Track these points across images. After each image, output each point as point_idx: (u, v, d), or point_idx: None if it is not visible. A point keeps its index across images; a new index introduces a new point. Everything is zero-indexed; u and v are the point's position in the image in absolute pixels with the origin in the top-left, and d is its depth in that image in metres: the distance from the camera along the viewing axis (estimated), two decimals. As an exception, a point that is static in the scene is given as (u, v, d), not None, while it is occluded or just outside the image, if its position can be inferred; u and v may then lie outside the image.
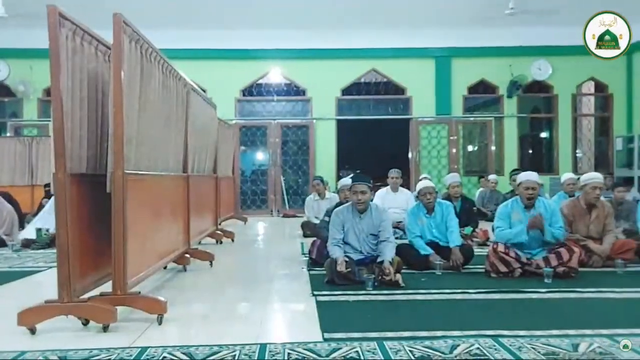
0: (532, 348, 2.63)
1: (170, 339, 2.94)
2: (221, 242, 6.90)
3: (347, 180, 5.96)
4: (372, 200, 4.60)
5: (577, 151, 12.38)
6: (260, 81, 12.15)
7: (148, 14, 9.59)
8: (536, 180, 4.68)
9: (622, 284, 4.17)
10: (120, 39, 3.13)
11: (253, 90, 12.20)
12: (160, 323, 3.16)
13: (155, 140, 3.88)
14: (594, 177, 5.11)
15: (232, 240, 7.09)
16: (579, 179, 5.70)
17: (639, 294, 3.88)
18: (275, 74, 12.06)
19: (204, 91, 9.23)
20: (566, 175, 6.90)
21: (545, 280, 4.21)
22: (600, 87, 12.31)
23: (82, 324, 3.11)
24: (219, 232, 6.99)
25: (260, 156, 12.55)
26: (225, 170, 8.71)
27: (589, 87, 12.49)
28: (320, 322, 3.14)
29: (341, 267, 4.09)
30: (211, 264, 5.20)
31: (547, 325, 3.00)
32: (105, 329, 3.01)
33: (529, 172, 4.85)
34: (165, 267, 4.70)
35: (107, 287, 3.25)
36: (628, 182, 9.32)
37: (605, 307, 3.58)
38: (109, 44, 3.26)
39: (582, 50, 11.51)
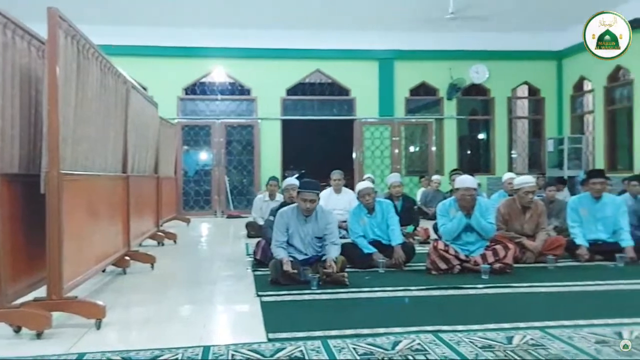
0: (470, 342, 2.73)
1: (109, 343, 2.85)
2: (163, 244, 6.75)
3: (292, 180, 5.96)
4: (317, 202, 4.62)
5: (512, 152, 12.93)
6: (203, 80, 11.96)
7: (86, 8, 9.25)
8: (473, 186, 4.74)
9: (553, 279, 4.38)
10: (55, 34, 3.00)
11: (196, 89, 12.00)
12: (98, 328, 3.06)
13: (92, 139, 3.76)
14: (526, 181, 5.33)
15: (175, 242, 6.95)
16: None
17: (567, 288, 4.10)
18: (219, 73, 11.91)
19: (145, 89, 8.99)
20: (507, 175, 7.24)
21: (483, 276, 4.37)
22: (533, 91, 12.91)
23: (14, 331, 2.97)
24: (160, 233, 6.84)
25: (203, 156, 12.34)
26: (167, 170, 8.53)
27: (523, 90, 13.08)
28: (265, 323, 3.13)
29: (287, 267, 4.09)
30: (152, 267, 5.07)
31: (484, 320, 3.12)
32: (38, 335, 2.89)
33: (465, 177, 4.92)
34: (104, 270, 4.55)
35: (42, 291, 3.12)
36: (562, 182, 9.78)
37: (537, 301, 3.77)
38: (44, 39, 3.13)
39: (516, 55, 12.20)
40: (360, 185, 5.33)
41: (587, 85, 11.96)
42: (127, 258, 4.80)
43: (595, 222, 5.38)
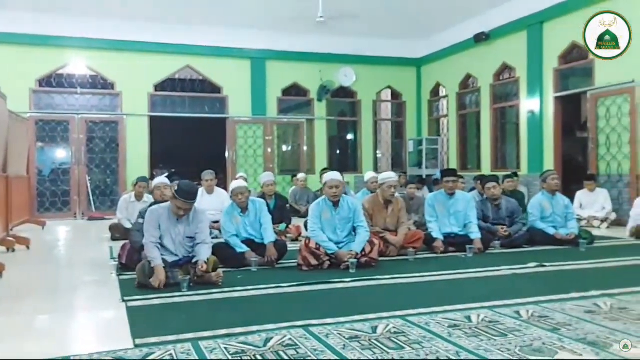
0: (339, 334, 2.85)
1: (-51, 364, 2.55)
2: (14, 250, 6.14)
3: (162, 179, 5.77)
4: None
5: (377, 152, 13.68)
6: (60, 71, 11.05)
7: None
8: (339, 179, 5.05)
9: (413, 270, 4.73)
10: None
11: (52, 81, 11.05)
12: None
13: None
14: (389, 177, 5.70)
15: (28, 247, 6.36)
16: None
17: (425, 278, 4.45)
18: (79, 65, 11.08)
19: (-9, 79, 8.10)
20: (369, 174, 7.62)
21: (350, 271, 4.58)
22: (395, 95, 13.77)
23: None
24: (10, 238, 6.22)
25: (61, 154, 11.37)
26: (18, 169, 7.78)
27: (387, 94, 13.90)
28: (131, 329, 3.00)
29: (159, 281, 3.94)
30: (1, 275, 4.60)
31: (351, 312, 3.27)
32: None
33: (332, 172, 5.24)
34: (-60, 282, 4.05)
35: None
36: (422, 182, 10.54)
37: (399, 291, 4.05)
38: None
39: (381, 61, 12.92)
40: (234, 184, 5.30)
41: (443, 91, 13.04)
42: (-31, 267, 4.31)
43: (449, 216, 5.89)
